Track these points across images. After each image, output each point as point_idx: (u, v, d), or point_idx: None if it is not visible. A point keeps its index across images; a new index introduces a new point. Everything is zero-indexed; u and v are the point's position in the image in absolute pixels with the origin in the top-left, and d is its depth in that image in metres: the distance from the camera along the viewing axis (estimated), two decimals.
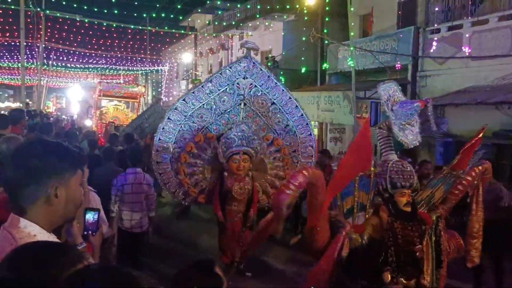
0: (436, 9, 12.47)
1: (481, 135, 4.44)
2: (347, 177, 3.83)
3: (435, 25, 12.40)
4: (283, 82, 6.89)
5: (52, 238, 1.69)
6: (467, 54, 11.22)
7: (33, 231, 1.61)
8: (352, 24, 15.17)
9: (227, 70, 6.09)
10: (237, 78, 6.04)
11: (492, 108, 9.49)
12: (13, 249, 1.33)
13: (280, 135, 6.31)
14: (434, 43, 12.19)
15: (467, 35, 11.29)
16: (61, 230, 2.42)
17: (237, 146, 5.66)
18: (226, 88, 6.05)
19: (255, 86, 6.11)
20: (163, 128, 6.03)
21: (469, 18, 11.38)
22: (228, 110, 6.16)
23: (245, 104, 6.16)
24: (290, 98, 6.28)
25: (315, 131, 9.10)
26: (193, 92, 6.10)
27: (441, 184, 4.17)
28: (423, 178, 5.96)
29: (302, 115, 6.34)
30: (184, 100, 6.05)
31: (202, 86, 6.07)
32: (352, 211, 3.97)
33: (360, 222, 3.92)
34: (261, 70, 6.16)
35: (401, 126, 4.19)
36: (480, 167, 4.23)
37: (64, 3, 21.03)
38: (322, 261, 3.57)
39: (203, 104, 6.05)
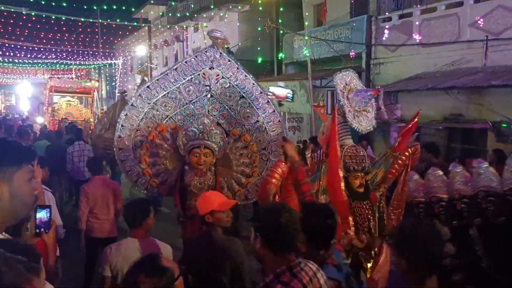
0: None
1: (416, 119, 4.87)
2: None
3: (387, 13, 12.73)
4: None
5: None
6: (417, 41, 11.60)
7: None
8: (306, 13, 15.37)
9: (193, 59, 5.82)
10: (202, 68, 5.78)
11: (443, 93, 9.86)
12: None
13: (249, 131, 5.95)
14: (386, 31, 12.52)
15: (417, 23, 11.66)
16: (21, 229, 2.35)
17: (198, 140, 5.40)
18: (192, 78, 5.81)
19: (223, 77, 5.84)
20: (126, 115, 5.80)
21: (418, 6, 11.74)
22: (194, 101, 5.91)
23: (211, 96, 5.90)
24: (261, 92, 5.94)
25: None
26: (157, 80, 5.85)
27: (383, 165, 4.58)
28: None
29: (274, 111, 5.97)
30: (148, 87, 5.82)
31: (166, 74, 5.83)
32: (316, 195, 4.14)
33: None
34: (229, 61, 5.84)
35: (355, 114, 4.52)
36: (412, 148, 4.65)
37: None
38: None
39: (167, 93, 5.81)
